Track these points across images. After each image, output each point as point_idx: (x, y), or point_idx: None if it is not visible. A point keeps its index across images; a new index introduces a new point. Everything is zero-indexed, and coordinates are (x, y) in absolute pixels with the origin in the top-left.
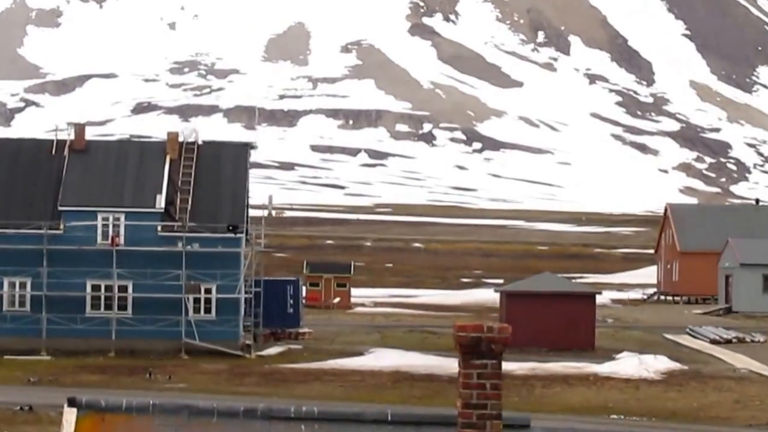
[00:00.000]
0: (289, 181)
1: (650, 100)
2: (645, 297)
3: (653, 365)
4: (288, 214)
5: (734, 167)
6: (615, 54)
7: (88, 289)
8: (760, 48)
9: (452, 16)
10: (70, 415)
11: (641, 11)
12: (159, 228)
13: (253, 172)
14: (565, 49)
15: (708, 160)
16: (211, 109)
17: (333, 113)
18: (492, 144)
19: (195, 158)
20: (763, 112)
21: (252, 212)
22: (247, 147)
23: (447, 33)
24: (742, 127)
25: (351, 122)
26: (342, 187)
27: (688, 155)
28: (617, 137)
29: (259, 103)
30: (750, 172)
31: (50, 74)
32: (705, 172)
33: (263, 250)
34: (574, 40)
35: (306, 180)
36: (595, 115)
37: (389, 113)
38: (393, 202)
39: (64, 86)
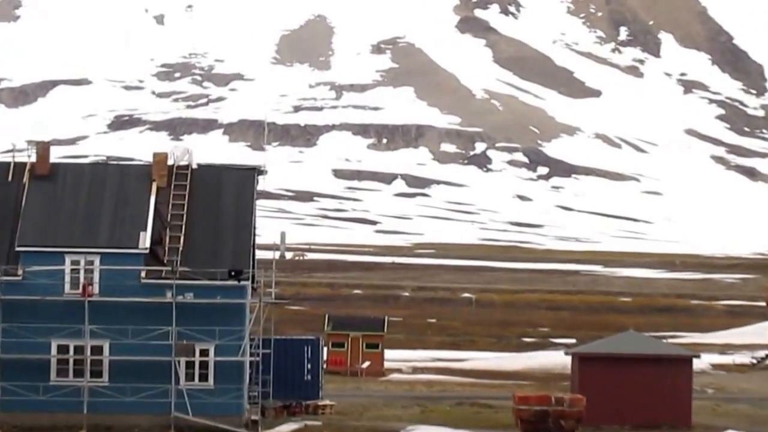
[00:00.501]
0: (308, 215)
1: (761, 113)
2: (754, 361)
3: None
4: (307, 256)
5: None
6: (717, 55)
7: (54, 350)
8: None
9: (512, 8)
10: None
11: (750, 2)
12: (143, 274)
13: (261, 204)
14: (653, 49)
15: None
16: (208, 124)
17: (362, 129)
18: (562, 168)
19: (188, 186)
20: None
21: (260, 254)
22: (254, 172)
23: (505, 29)
24: None
25: (384, 141)
26: (373, 223)
27: None
28: (719, 159)
29: (270, 117)
30: None
31: (5, 80)
32: None
33: (274, 301)
34: (666, 38)
35: (328, 213)
36: (691, 132)
37: (432, 130)
38: (437, 241)
39: (22, 95)
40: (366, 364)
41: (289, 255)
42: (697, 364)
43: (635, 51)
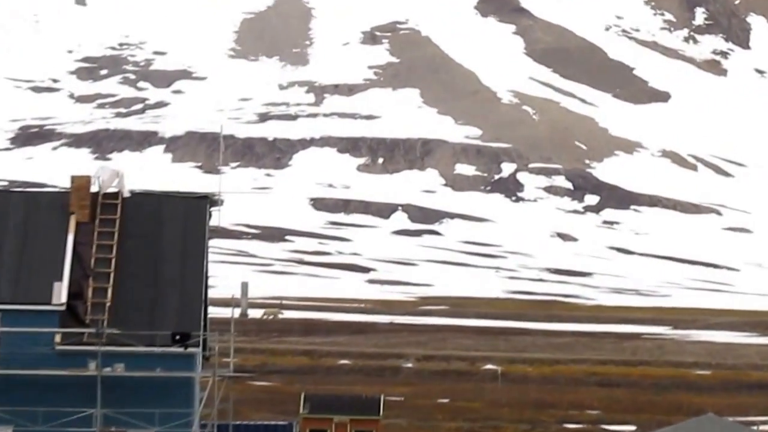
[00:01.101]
0: (278, 259)
1: None
2: None
3: None
4: (283, 315)
5: None
6: None
7: None
8: None
9: None
10: None
11: None
12: (57, 338)
13: (216, 244)
14: (740, 38)
15: None
16: (145, 139)
17: (350, 145)
18: (617, 197)
19: (119, 221)
20: None
21: (214, 312)
22: (205, 202)
23: (542, 11)
24: None
25: (380, 161)
26: (366, 270)
27: None
28: None
29: (227, 129)
30: None
31: None
32: None
33: (233, 374)
34: (757, 24)
35: (305, 258)
36: None
37: (444, 146)
38: (450, 294)
39: None
40: None
41: (255, 313)
42: None
43: (716, 40)
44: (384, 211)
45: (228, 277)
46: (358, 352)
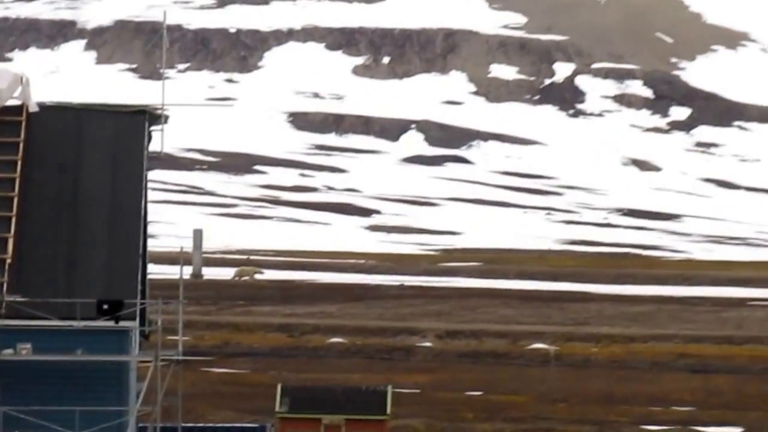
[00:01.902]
0: (243, 198)
1: None
2: None
3: None
4: (262, 275)
5: None
6: None
7: None
8: None
9: None
10: None
11: None
12: None
13: (158, 177)
14: None
15: None
16: (59, 31)
17: (344, 39)
18: (716, 110)
19: (22, 146)
20: None
21: (156, 271)
22: (143, 119)
23: None
24: None
25: (386, 60)
26: (366, 213)
27: None
28: None
29: (172, 17)
30: None
31: None
32: None
33: (183, 358)
34: None
35: (282, 196)
36: None
37: (475, 39)
38: (484, 246)
39: None
40: None
41: (213, 273)
42: None
43: None
44: (391, 130)
45: (175, 223)
46: (355, 326)
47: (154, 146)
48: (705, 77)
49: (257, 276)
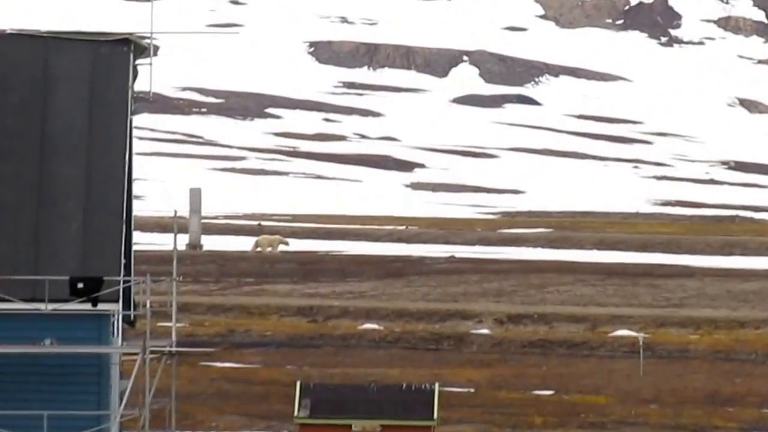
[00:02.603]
0: (253, 149)
1: None
2: None
3: None
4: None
5: None
6: None
7: None
8: None
9: None
10: None
11: None
12: None
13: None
14: None
15: None
16: None
17: None
18: None
19: None
20: None
21: (144, 240)
22: (127, 50)
23: None
24: None
25: None
26: (407, 166)
27: None
28: None
29: None
30: None
31: None
32: None
33: (177, 350)
34: None
35: (301, 146)
36: None
37: None
38: (555, 208)
39: None
40: None
41: (213, 243)
42: None
43: None
44: (438, 63)
45: (168, 180)
46: (394, 309)
47: (140, 84)
48: None
49: (282, 248)
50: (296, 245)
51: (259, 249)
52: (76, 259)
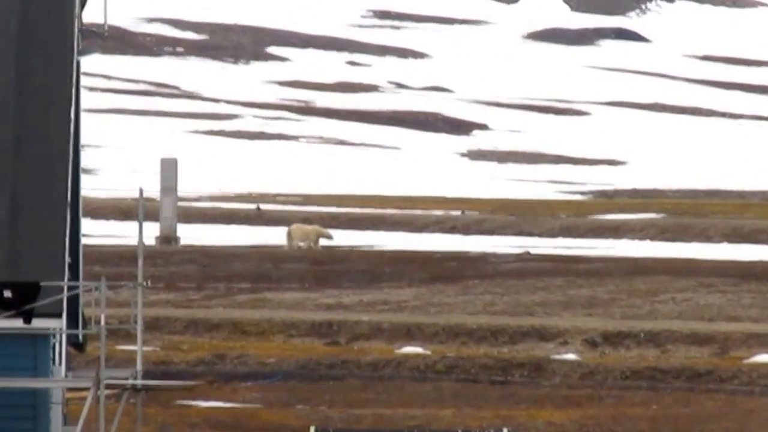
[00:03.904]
0: (249, 105)
1: None
2: None
3: None
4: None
5: None
6: None
7: None
8: None
9: None
10: None
11: None
12: None
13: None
14: None
15: None
16: None
17: None
18: None
19: None
20: None
21: (95, 230)
22: None
23: None
24: None
25: None
26: (463, 128)
27: None
28: None
29: None
30: None
31: None
32: None
33: (144, 383)
34: None
35: (317, 99)
36: None
37: None
38: (667, 184)
39: None
40: None
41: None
42: None
43: None
44: None
45: (130, 147)
46: (445, 326)
47: (91, 14)
48: None
49: (324, 243)
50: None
51: (294, 244)
52: (2, 258)
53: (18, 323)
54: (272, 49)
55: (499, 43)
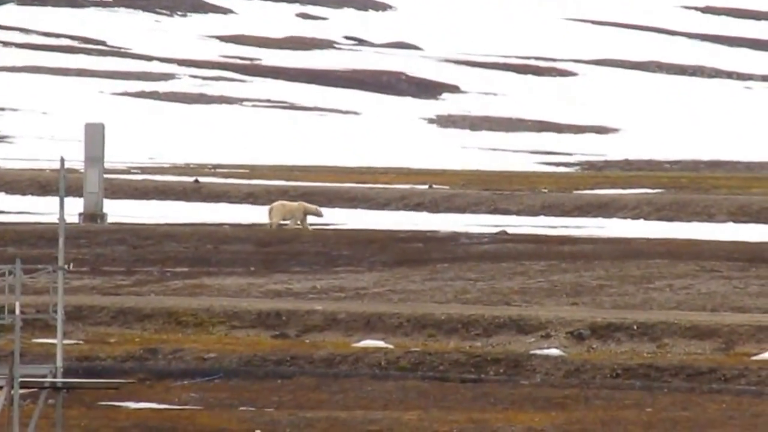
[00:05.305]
0: (186, 65)
1: None
2: None
3: None
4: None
5: None
6: None
7: None
8: None
9: None
10: None
11: None
12: None
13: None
14: None
15: None
16: None
17: None
18: None
19: None
20: None
21: (6, 206)
22: None
23: None
24: None
25: None
26: (431, 90)
27: None
28: None
29: None
30: None
31: None
32: None
33: (64, 381)
34: None
35: (261, 58)
36: None
37: None
38: (665, 155)
39: None
40: None
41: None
42: None
43: None
44: None
45: (49, 111)
46: (409, 316)
47: None
48: None
49: (313, 221)
50: (251, 212)
51: (275, 223)
52: None
53: None
54: None
55: None
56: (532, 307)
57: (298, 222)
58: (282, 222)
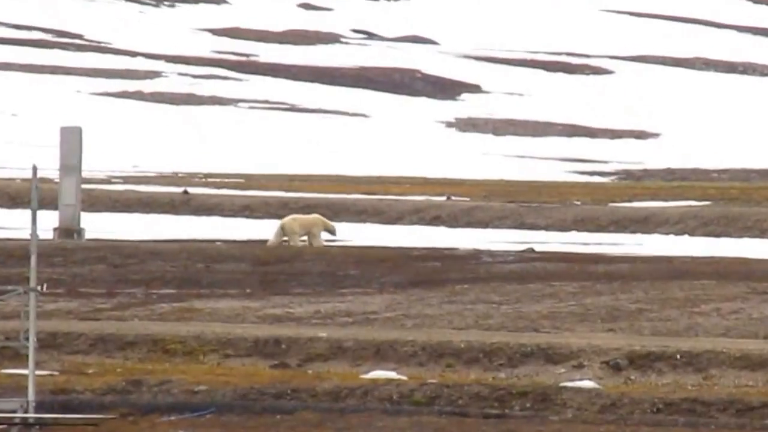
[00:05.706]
0: (174, 61)
1: None
2: None
3: None
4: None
5: None
6: None
7: None
8: None
9: None
10: None
11: None
12: None
13: None
14: None
15: None
16: None
17: None
18: None
19: None
20: None
21: None
22: None
23: None
24: None
25: None
26: (448, 90)
27: None
28: None
29: None
30: None
31: None
32: None
33: (36, 417)
34: None
35: (259, 54)
36: None
37: None
38: (712, 164)
39: None
40: None
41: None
42: None
43: None
44: None
45: (21, 113)
46: (425, 344)
47: None
48: None
49: (326, 237)
50: (248, 227)
51: (285, 239)
52: None
53: None
54: None
55: None
56: (562, 334)
57: (314, 238)
58: (300, 240)
